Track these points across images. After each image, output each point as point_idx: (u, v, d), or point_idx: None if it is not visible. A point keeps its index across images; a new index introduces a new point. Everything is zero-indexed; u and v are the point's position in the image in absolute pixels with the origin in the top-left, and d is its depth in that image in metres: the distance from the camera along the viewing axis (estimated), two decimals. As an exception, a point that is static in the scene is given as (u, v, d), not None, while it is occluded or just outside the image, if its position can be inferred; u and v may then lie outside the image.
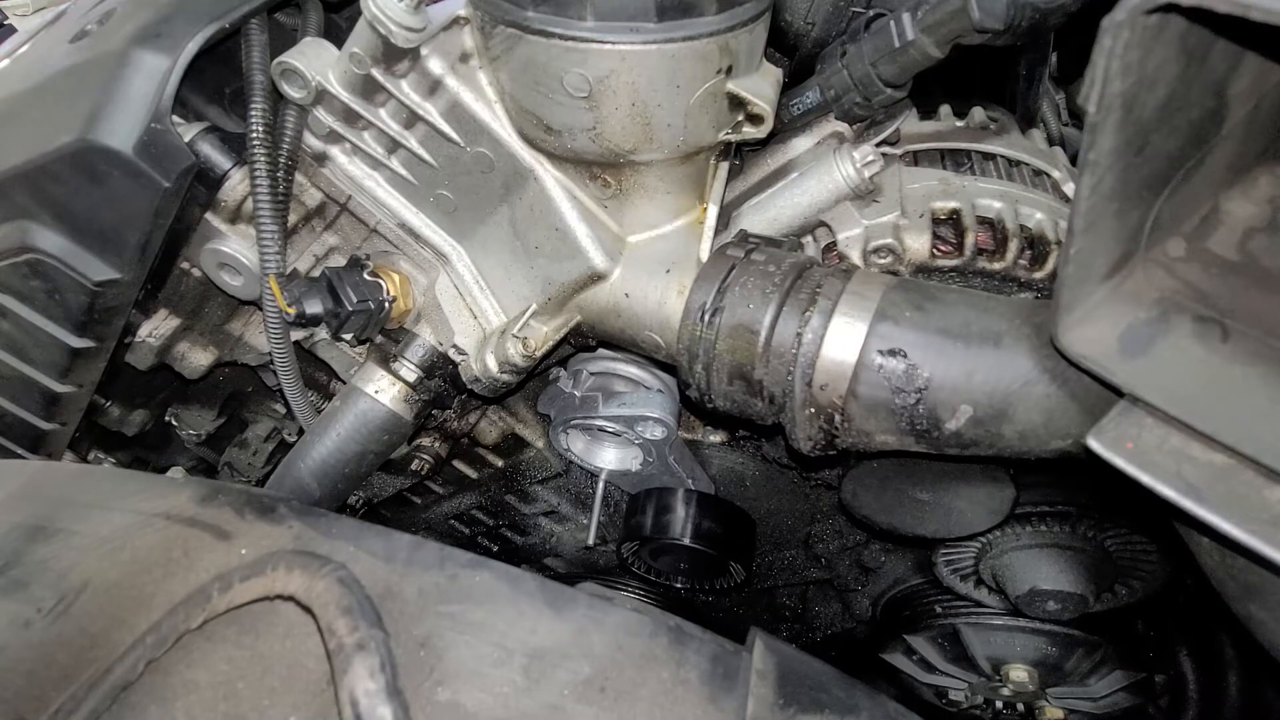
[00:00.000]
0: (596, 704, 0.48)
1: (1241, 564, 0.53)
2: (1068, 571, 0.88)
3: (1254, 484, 0.46)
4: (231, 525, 0.55)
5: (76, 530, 0.55)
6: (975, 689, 1.08)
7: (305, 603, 0.47)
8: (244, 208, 0.86)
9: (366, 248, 0.91)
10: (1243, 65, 0.46)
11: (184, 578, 0.52)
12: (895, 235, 0.81)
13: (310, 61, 0.78)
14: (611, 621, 0.53)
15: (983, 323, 0.63)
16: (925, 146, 0.90)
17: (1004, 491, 0.77)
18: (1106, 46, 0.39)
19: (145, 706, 0.46)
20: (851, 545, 1.07)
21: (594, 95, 0.68)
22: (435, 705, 0.47)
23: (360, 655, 0.43)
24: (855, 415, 0.66)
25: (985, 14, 0.73)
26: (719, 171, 0.83)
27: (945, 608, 1.04)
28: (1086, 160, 0.44)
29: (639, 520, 1.00)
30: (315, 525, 0.55)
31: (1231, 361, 0.49)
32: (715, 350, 0.71)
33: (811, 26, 0.90)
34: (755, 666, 0.52)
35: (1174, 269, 0.52)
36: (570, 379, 1.00)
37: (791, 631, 1.22)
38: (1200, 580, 0.60)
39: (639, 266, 0.81)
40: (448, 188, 0.83)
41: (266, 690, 0.47)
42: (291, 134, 0.81)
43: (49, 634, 0.49)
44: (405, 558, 0.54)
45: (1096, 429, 0.51)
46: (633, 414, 0.95)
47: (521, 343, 0.85)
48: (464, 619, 0.51)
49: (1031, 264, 0.79)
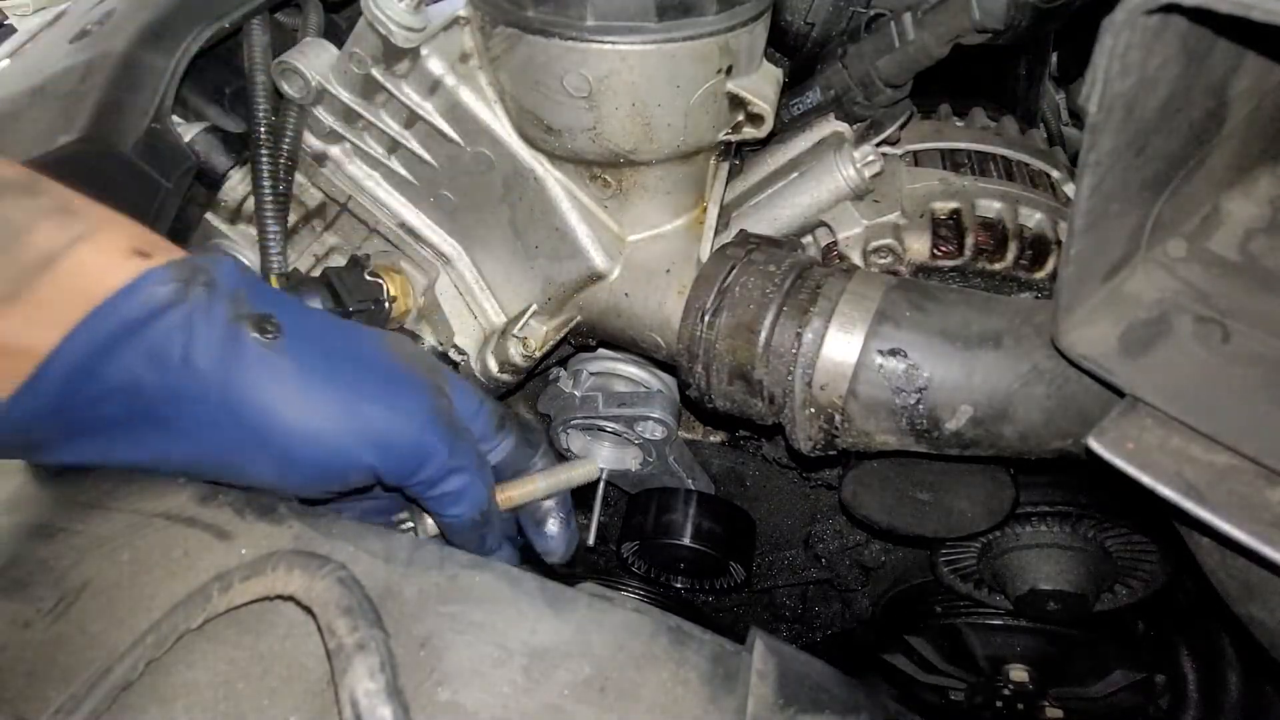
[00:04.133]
0: (596, 704, 0.48)
1: (1242, 564, 0.53)
2: (1068, 571, 0.88)
3: (1255, 484, 0.46)
4: (231, 525, 0.55)
5: (76, 530, 0.55)
6: (975, 689, 1.08)
7: (305, 603, 0.47)
8: (244, 208, 0.86)
9: (366, 248, 0.91)
10: (1244, 65, 0.46)
11: (184, 578, 0.52)
12: (895, 235, 0.81)
13: (310, 61, 0.78)
14: (612, 622, 0.53)
15: (983, 323, 0.63)
16: (925, 146, 0.90)
17: (1004, 491, 0.77)
18: (1107, 46, 0.39)
19: (145, 706, 0.46)
20: (851, 545, 1.07)
21: (594, 95, 0.68)
22: (435, 705, 0.47)
23: (360, 655, 0.43)
24: (855, 415, 0.66)
25: (985, 14, 0.73)
26: (719, 171, 0.83)
27: (945, 608, 1.04)
28: (1086, 160, 0.44)
29: (639, 520, 1.00)
30: (315, 525, 0.55)
31: (1232, 362, 0.49)
32: (715, 350, 0.71)
33: (811, 26, 0.91)
34: (755, 667, 0.52)
35: (1174, 269, 0.52)
36: (570, 379, 1.00)
37: (792, 631, 1.22)
38: (1200, 580, 0.60)
39: (639, 266, 0.81)
40: (448, 188, 0.83)
41: (266, 690, 0.47)
42: (292, 134, 0.81)
43: (49, 634, 0.49)
44: (405, 558, 0.54)
45: (1097, 429, 0.51)
46: (633, 414, 0.95)
47: (521, 343, 0.85)
48: (464, 619, 0.51)
49: (1031, 264, 0.79)
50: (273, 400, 0.52)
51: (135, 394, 0.49)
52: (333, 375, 0.54)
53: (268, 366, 0.51)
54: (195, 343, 0.49)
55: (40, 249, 0.46)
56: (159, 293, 0.48)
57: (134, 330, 0.47)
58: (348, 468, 0.57)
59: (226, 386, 0.51)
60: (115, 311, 0.47)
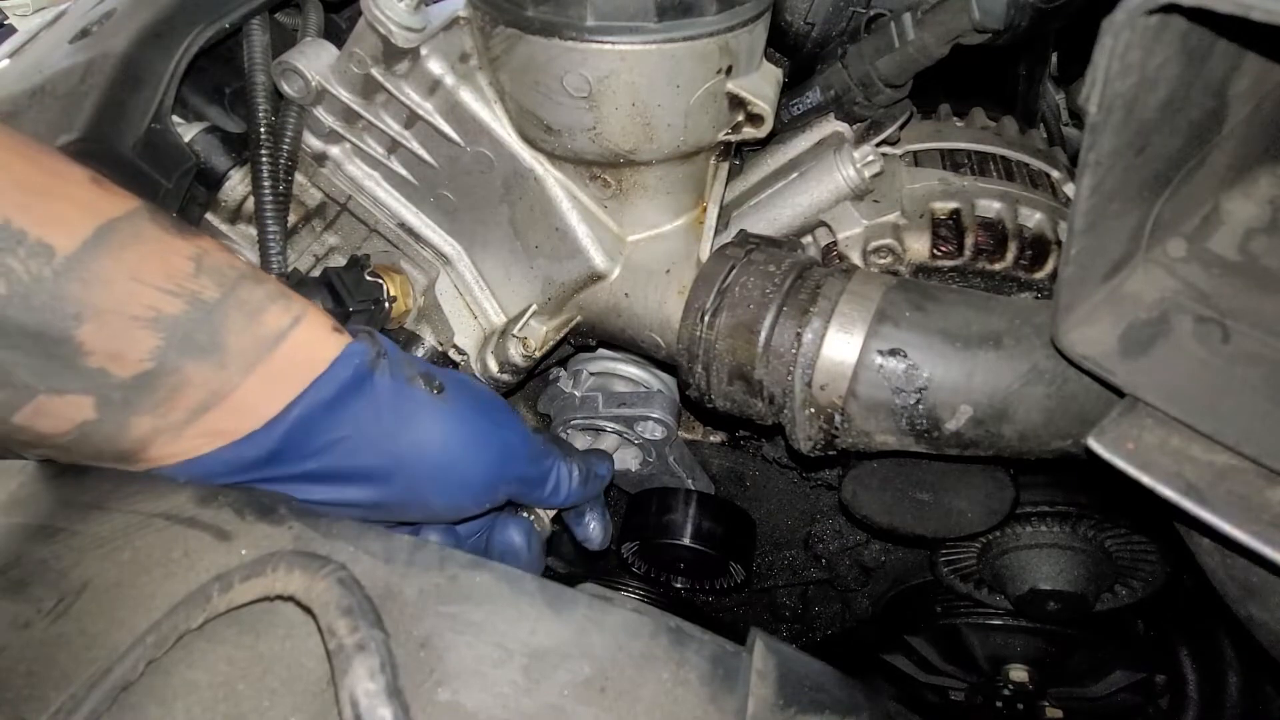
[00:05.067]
0: (597, 704, 0.48)
1: (1242, 565, 0.53)
2: (1067, 571, 0.88)
3: (1255, 484, 0.46)
4: (231, 526, 0.55)
5: (76, 530, 0.55)
6: (975, 689, 1.08)
7: (305, 603, 0.47)
8: (244, 208, 0.86)
9: (366, 248, 0.91)
10: (1244, 65, 0.46)
11: (184, 578, 0.51)
12: (895, 235, 0.81)
13: (311, 61, 0.78)
14: (611, 622, 0.53)
15: (983, 323, 0.63)
16: (925, 146, 0.90)
17: (1004, 492, 0.77)
18: (1107, 47, 0.39)
19: (145, 707, 0.46)
20: (851, 545, 1.07)
21: (594, 95, 0.68)
22: (436, 706, 0.47)
23: (361, 656, 0.43)
24: (855, 415, 0.66)
25: (985, 14, 0.73)
26: (719, 171, 0.83)
27: (945, 608, 1.04)
28: (1086, 160, 0.44)
29: (639, 520, 1.00)
30: (315, 526, 0.55)
31: (1232, 362, 0.49)
32: (715, 350, 0.71)
33: (811, 26, 0.90)
34: (755, 667, 0.52)
35: (1175, 269, 0.52)
36: (570, 379, 1.00)
37: (792, 631, 1.22)
38: (1200, 580, 0.60)
39: (639, 266, 0.81)
40: (448, 188, 0.83)
41: (267, 691, 0.47)
42: (292, 134, 0.81)
43: (49, 634, 0.49)
44: (405, 558, 0.54)
45: (1097, 429, 0.51)
46: (633, 414, 0.95)
47: (521, 343, 0.85)
48: (464, 619, 0.51)
49: (1031, 264, 0.79)
50: (450, 437, 0.64)
51: (345, 442, 0.60)
52: (482, 413, 0.68)
53: (442, 412, 0.64)
54: (389, 398, 0.61)
55: (272, 327, 0.57)
56: (360, 362, 0.60)
57: (348, 390, 0.59)
58: (500, 483, 0.70)
59: (414, 430, 0.62)
60: (335, 377, 0.59)
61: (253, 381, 0.56)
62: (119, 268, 0.52)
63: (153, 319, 0.53)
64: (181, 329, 0.54)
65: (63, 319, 0.50)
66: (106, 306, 0.51)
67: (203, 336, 0.54)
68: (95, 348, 0.51)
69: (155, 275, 0.53)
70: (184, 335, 0.54)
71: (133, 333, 0.52)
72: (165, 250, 0.54)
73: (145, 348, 0.53)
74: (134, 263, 0.53)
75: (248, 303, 0.57)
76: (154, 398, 0.54)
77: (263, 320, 0.57)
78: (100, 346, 0.51)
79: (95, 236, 0.51)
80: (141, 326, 0.52)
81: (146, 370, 0.53)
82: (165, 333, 0.53)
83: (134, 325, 0.52)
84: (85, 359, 0.51)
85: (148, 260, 0.53)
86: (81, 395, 0.53)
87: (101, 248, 0.51)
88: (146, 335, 0.53)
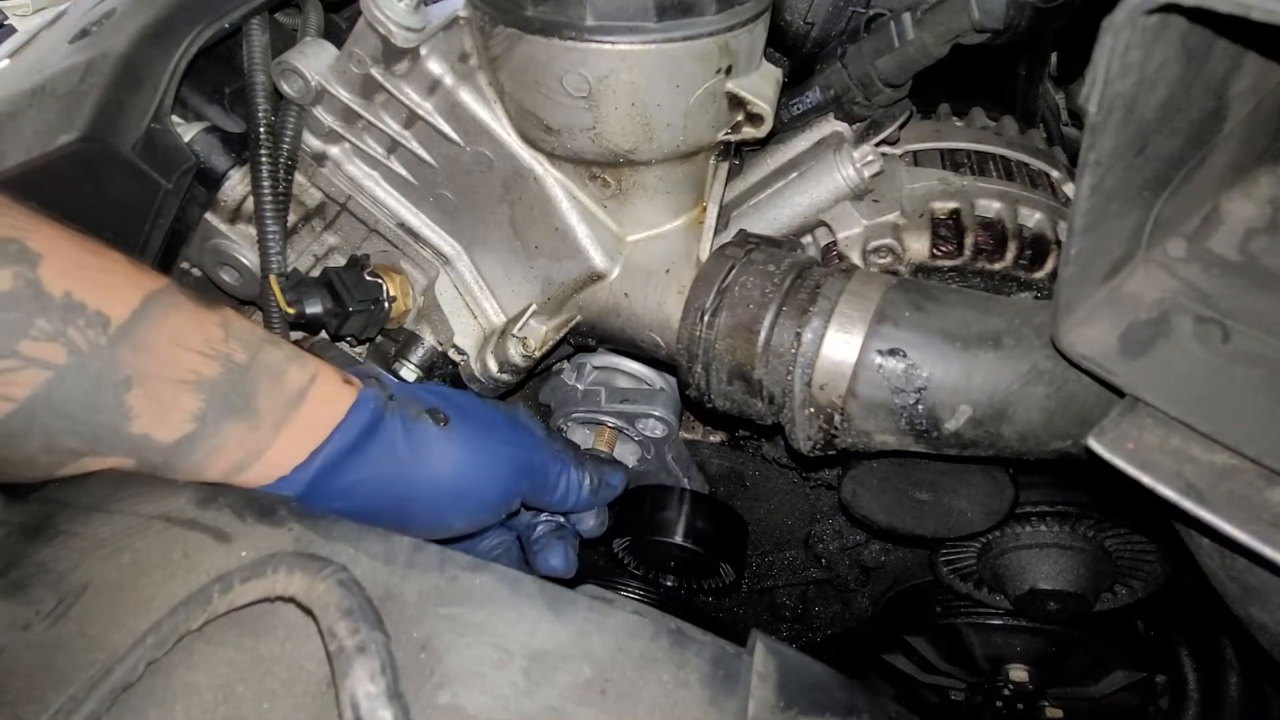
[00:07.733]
0: (597, 706, 0.48)
1: (1242, 565, 0.53)
2: (1067, 571, 0.88)
3: (1255, 485, 0.46)
4: (231, 527, 0.55)
5: (76, 532, 0.55)
6: (975, 689, 1.08)
7: (306, 605, 0.47)
8: (244, 207, 0.86)
9: (366, 248, 0.91)
10: (1243, 65, 0.46)
11: (184, 580, 0.51)
12: (895, 235, 0.81)
13: (310, 61, 0.78)
14: (612, 624, 0.53)
15: (982, 323, 0.63)
16: (925, 146, 0.90)
17: (1004, 491, 0.77)
18: (1107, 46, 0.39)
19: (145, 708, 0.46)
20: (851, 545, 1.07)
21: (594, 95, 0.68)
22: (436, 708, 0.47)
23: (361, 658, 0.43)
24: (855, 415, 0.66)
25: (984, 14, 0.73)
26: (719, 171, 0.83)
27: (945, 608, 1.04)
28: (1086, 160, 0.44)
29: (632, 516, 1.00)
30: (315, 527, 0.55)
31: (1232, 362, 0.49)
32: (715, 350, 0.71)
33: (811, 26, 0.90)
34: (756, 668, 0.52)
35: (1175, 269, 0.52)
36: (573, 371, 0.99)
37: (792, 631, 1.22)
38: (1200, 580, 0.60)
39: (638, 266, 0.81)
40: (447, 188, 0.83)
41: (267, 693, 0.47)
42: (292, 134, 0.81)
43: (48, 636, 0.49)
44: (405, 560, 0.54)
45: (1097, 430, 0.51)
46: (635, 411, 0.95)
47: (521, 343, 0.85)
48: (464, 621, 0.51)
49: (1031, 264, 0.79)
50: (462, 464, 0.69)
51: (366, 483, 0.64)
52: (488, 436, 0.72)
53: (452, 444, 0.69)
54: (401, 437, 0.66)
55: (293, 387, 0.62)
56: (374, 407, 0.65)
57: (365, 435, 0.63)
58: (512, 496, 0.75)
59: (427, 464, 0.67)
60: (352, 425, 0.63)
61: (282, 440, 0.60)
62: (163, 335, 0.55)
63: (194, 381, 0.56)
64: (219, 390, 0.57)
65: (113, 385, 0.53)
66: (152, 372, 0.54)
67: (237, 399, 0.58)
68: (141, 411, 0.54)
69: (194, 340, 0.57)
70: (222, 397, 0.57)
71: (176, 396, 0.55)
72: (199, 318, 0.58)
73: (188, 410, 0.56)
74: (175, 329, 0.56)
75: (272, 365, 0.61)
76: (192, 459, 0.57)
77: (285, 381, 0.61)
78: (146, 410, 0.54)
79: (143, 306, 0.55)
80: (184, 390, 0.56)
81: (188, 433, 0.56)
82: (205, 394, 0.56)
83: (178, 389, 0.55)
84: (130, 424, 0.54)
85: (186, 326, 0.57)
86: (123, 458, 0.56)
87: (148, 317, 0.55)
88: (189, 398, 0.56)
